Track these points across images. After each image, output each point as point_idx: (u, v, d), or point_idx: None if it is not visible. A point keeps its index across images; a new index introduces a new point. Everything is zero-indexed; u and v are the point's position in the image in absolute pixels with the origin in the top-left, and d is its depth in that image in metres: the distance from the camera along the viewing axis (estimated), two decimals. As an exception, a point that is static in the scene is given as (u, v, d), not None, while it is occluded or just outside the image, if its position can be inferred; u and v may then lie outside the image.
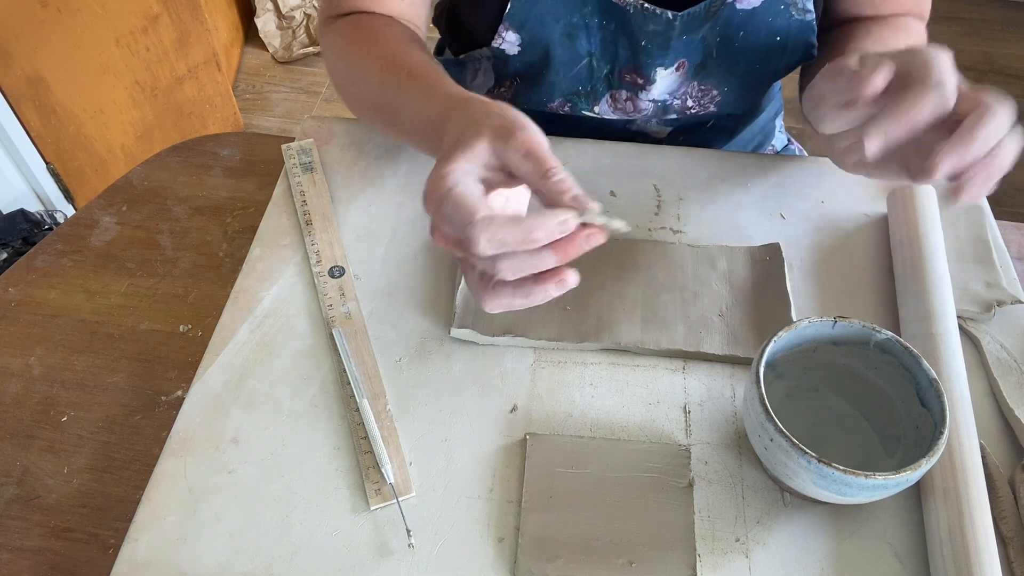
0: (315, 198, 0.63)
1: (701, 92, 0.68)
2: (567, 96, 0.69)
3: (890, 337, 0.47)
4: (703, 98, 0.69)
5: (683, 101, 0.68)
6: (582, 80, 0.67)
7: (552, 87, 0.67)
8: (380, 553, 0.45)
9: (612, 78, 0.66)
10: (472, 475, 0.48)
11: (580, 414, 0.51)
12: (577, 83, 0.67)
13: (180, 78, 1.71)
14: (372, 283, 0.58)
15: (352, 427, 0.50)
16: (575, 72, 0.65)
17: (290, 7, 2.15)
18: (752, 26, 0.61)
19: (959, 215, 0.62)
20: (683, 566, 0.44)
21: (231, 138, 0.73)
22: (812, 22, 0.62)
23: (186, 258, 0.63)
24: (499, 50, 0.64)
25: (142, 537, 0.46)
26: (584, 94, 0.68)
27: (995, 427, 0.51)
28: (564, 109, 0.70)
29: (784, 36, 0.63)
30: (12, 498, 0.50)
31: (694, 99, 0.68)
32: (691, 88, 0.67)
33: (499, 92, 0.72)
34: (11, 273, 0.62)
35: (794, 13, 0.61)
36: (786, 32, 0.62)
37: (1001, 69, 2.17)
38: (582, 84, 0.67)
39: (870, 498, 0.43)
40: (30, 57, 1.38)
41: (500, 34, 0.62)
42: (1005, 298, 0.56)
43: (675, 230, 0.62)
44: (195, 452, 0.49)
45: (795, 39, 0.63)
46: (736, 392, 0.53)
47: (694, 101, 0.69)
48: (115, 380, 0.55)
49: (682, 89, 0.67)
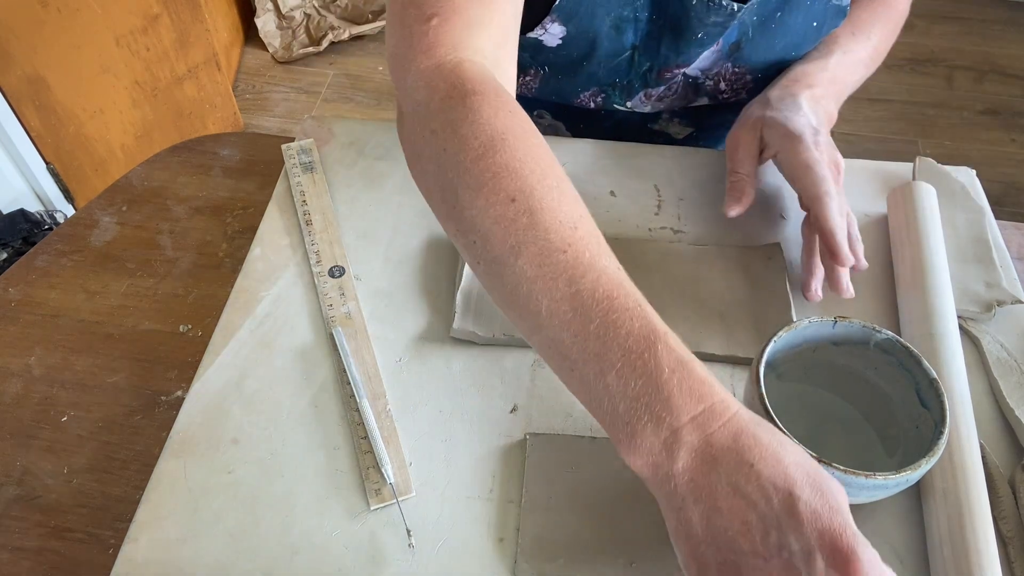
0: (315, 198, 0.63)
1: (735, 75, 0.67)
2: (602, 87, 0.67)
3: (890, 337, 0.47)
4: (736, 82, 0.68)
5: (715, 83, 0.67)
6: (621, 72, 0.66)
7: (589, 78, 0.66)
8: (380, 553, 0.45)
9: (650, 76, 0.66)
10: (472, 475, 0.48)
11: (580, 414, 0.51)
12: (615, 75, 0.66)
13: (180, 78, 1.71)
14: (372, 283, 0.58)
15: (352, 427, 0.50)
16: (615, 63, 0.65)
17: (290, 7, 2.15)
18: (789, 8, 0.61)
19: (959, 215, 0.62)
20: (683, 566, 0.44)
21: (231, 138, 0.73)
22: (847, 7, 0.62)
23: (186, 258, 0.63)
24: (534, 39, 0.62)
25: (142, 537, 0.46)
26: (620, 87, 0.67)
27: (995, 427, 0.51)
28: (596, 101, 0.69)
29: (820, 21, 0.62)
30: (12, 498, 0.50)
31: (727, 82, 0.67)
32: (725, 70, 0.66)
33: (524, 81, 0.69)
34: (11, 273, 0.62)
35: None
36: (822, 17, 0.62)
37: (1001, 69, 2.17)
38: (620, 76, 0.66)
39: (870, 498, 0.43)
40: (30, 57, 1.38)
41: (544, 25, 0.60)
42: (1005, 298, 0.56)
43: (675, 230, 0.62)
44: (195, 452, 0.49)
45: (830, 24, 0.63)
46: (736, 392, 0.53)
47: (727, 84, 0.68)
48: (115, 380, 0.55)
49: (715, 68, 0.66)
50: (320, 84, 2.12)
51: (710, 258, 0.59)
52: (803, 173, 0.55)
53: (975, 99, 2.08)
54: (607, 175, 0.66)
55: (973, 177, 0.65)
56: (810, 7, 0.61)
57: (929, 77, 2.15)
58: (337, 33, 2.18)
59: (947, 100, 2.09)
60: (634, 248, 0.60)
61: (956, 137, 1.99)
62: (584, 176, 0.65)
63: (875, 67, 0.68)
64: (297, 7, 2.16)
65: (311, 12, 2.19)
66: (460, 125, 0.41)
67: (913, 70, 2.17)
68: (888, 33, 0.67)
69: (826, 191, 0.53)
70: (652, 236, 0.61)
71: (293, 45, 2.16)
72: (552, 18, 0.60)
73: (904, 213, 0.59)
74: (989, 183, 0.74)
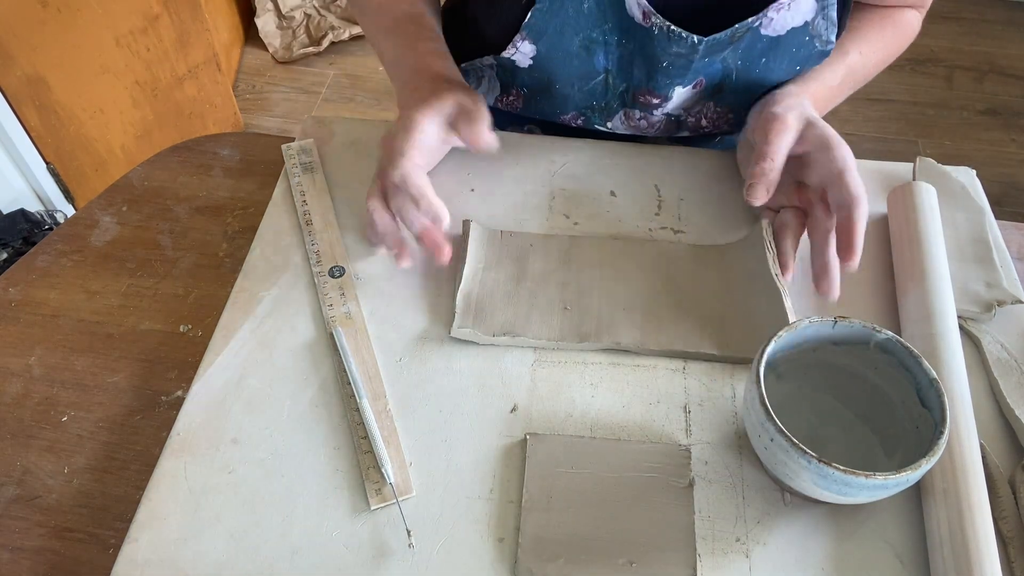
0: (315, 198, 0.63)
1: (717, 114, 0.67)
2: (580, 110, 0.68)
3: (890, 337, 0.47)
4: (718, 119, 0.68)
5: (697, 120, 0.68)
6: (597, 95, 0.66)
7: (565, 100, 0.67)
8: (380, 553, 0.45)
9: (627, 96, 0.66)
10: (472, 475, 0.48)
11: (580, 414, 0.51)
12: (592, 98, 0.66)
13: (180, 78, 1.72)
14: (372, 283, 0.58)
15: (352, 427, 0.50)
16: (590, 87, 0.65)
17: (290, 7, 2.15)
18: (775, 54, 0.61)
19: (959, 215, 0.62)
20: (683, 566, 0.44)
21: (231, 138, 0.73)
22: (831, 51, 0.62)
23: (186, 258, 0.63)
24: (508, 60, 0.63)
25: (142, 537, 0.46)
26: (598, 109, 0.68)
27: (995, 427, 0.51)
28: (578, 122, 0.70)
29: (804, 66, 0.62)
30: (12, 498, 0.50)
31: (708, 119, 0.68)
32: (706, 108, 0.67)
33: (508, 101, 0.71)
34: (11, 273, 0.62)
35: (817, 44, 0.60)
36: (806, 62, 0.62)
37: (1001, 69, 2.17)
38: (596, 99, 0.66)
39: (870, 498, 0.43)
40: (30, 57, 1.38)
41: (515, 44, 0.61)
42: (1005, 298, 0.56)
43: (676, 230, 0.62)
44: (195, 452, 0.49)
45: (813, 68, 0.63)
46: (736, 392, 0.53)
47: (708, 121, 0.68)
48: (115, 380, 0.55)
49: (697, 107, 0.67)
50: (320, 84, 2.12)
51: (710, 258, 0.59)
52: (838, 180, 0.54)
53: (975, 99, 2.09)
54: (607, 175, 0.66)
55: (973, 177, 0.65)
56: (795, 53, 0.61)
57: (929, 77, 2.15)
58: (337, 33, 2.18)
59: (947, 100, 2.09)
60: (634, 248, 0.60)
61: (956, 137, 1.99)
62: (584, 176, 0.65)
63: (867, 79, 0.68)
64: (297, 7, 2.16)
65: (311, 12, 2.19)
66: None
67: (913, 70, 2.17)
68: (891, 52, 0.68)
69: (860, 195, 0.53)
70: (652, 236, 0.61)
71: (293, 45, 2.16)
72: (522, 36, 0.61)
73: (904, 213, 0.59)
74: (989, 183, 0.74)
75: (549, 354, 0.54)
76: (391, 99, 2.08)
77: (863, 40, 0.65)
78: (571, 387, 0.53)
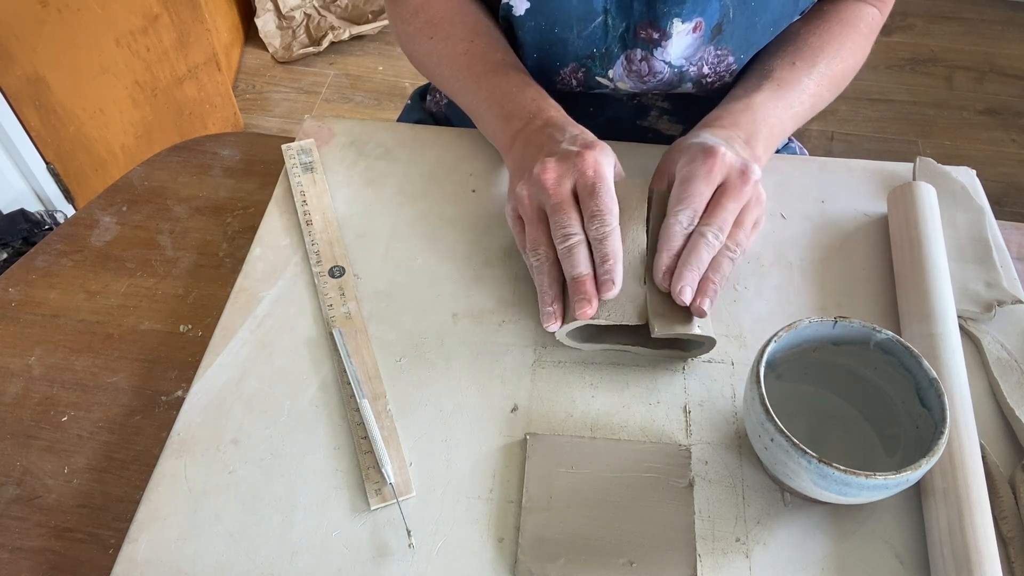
0: (315, 198, 0.63)
1: (717, 58, 0.67)
2: (581, 60, 0.68)
3: (890, 337, 0.47)
4: (719, 64, 0.68)
5: (699, 68, 0.68)
6: (596, 40, 0.66)
7: (566, 47, 0.67)
8: (380, 553, 0.45)
9: (627, 36, 0.66)
10: (472, 475, 0.48)
11: (580, 414, 0.51)
12: (592, 44, 0.66)
13: (180, 78, 1.72)
14: (372, 283, 0.58)
15: (352, 427, 0.50)
16: (590, 31, 0.65)
17: (290, 7, 2.15)
18: None
19: (959, 215, 0.62)
20: (683, 566, 0.44)
21: (231, 138, 0.73)
22: None
23: (186, 258, 0.63)
24: (506, 6, 0.64)
25: (142, 537, 0.46)
26: (598, 56, 0.67)
27: (995, 427, 0.51)
28: (578, 76, 0.69)
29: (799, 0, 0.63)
30: (12, 498, 0.50)
31: (710, 65, 0.68)
32: (707, 53, 0.67)
33: None
34: (11, 273, 0.62)
35: None
36: None
37: (1001, 69, 2.17)
38: (596, 45, 0.66)
39: (870, 498, 0.43)
40: (30, 57, 1.38)
41: None
42: (1005, 298, 0.56)
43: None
44: (195, 452, 0.49)
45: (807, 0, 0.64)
46: (736, 392, 0.53)
47: (710, 68, 0.68)
48: (115, 380, 0.55)
49: (698, 54, 0.67)
50: (320, 84, 2.12)
51: None
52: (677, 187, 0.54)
53: (975, 99, 2.09)
54: (607, 175, 0.66)
55: (973, 177, 0.65)
56: None
57: (929, 77, 2.15)
58: (337, 33, 2.18)
59: (947, 100, 2.09)
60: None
61: (956, 137, 1.99)
62: (584, 176, 0.65)
63: (836, 90, 0.67)
64: (297, 7, 2.16)
65: (311, 12, 2.19)
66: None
67: (913, 70, 2.17)
68: (847, 54, 0.67)
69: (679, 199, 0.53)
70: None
71: (293, 45, 2.16)
72: None
73: (904, 213, 0.59)
74: (989, 183, 0.74)
75: (549, 354, 0.54)
76: (391, 99, 2.08)
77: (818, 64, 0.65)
78: (571, 387, 0.53)
